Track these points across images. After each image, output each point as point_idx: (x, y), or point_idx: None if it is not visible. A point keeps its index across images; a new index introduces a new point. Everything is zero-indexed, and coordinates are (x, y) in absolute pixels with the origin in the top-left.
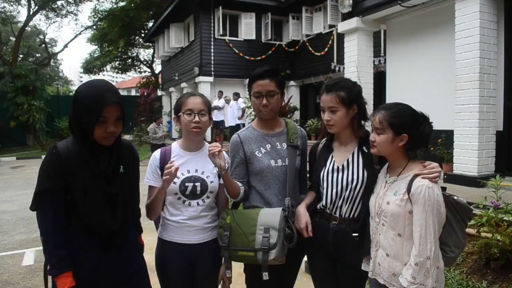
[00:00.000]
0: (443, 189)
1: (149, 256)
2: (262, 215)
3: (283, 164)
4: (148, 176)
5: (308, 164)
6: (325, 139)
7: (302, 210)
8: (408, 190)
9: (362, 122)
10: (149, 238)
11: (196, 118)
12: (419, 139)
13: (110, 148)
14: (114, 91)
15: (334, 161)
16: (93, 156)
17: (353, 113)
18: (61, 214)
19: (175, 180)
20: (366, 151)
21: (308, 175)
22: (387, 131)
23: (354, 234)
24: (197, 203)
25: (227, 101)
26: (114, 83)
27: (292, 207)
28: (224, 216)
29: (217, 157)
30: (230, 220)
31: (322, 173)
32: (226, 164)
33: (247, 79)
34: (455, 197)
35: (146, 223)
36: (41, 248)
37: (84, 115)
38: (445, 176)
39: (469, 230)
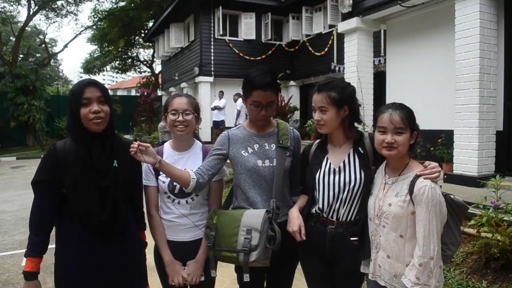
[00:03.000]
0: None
1: (150, 256)
2: (245, 217)
3: (271, 164)
4: (143, 175)
5: (300, 167)
6: (318, 140)
7: (295, 213)
8: (410, 191)
9: (356, 124)
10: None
11: (180, 118)
12: (418, 135)
13: (103, 140)
14: (94, 80)
15: (330, 163)
16: (86, 149)
17: (344, 114)
18: (47, 204)
19: (164, 179)
20: (362, 152)
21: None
22: (408, 130)
23: (352, 238)
24: (186, 201)
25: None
26: (114, 83)
27: (278, 209)
28: (211, 216)
29: (141, 156)
30: (216, 220)
31: (317, 175)
32: (158, 157)
33: None
34: (451, 196)
35: None
36: None
37: (71, 102)
38: (445, 176)
39: (469, 230)
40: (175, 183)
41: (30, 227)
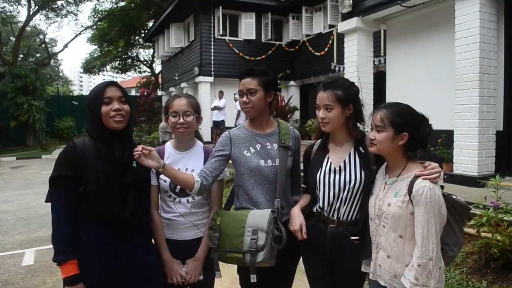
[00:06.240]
0: (441, 187)
1: None
2: (250, 217)
3: (273, 164)
4: None
5: (303, 166)
6: (319, 140)
7: (296, 212)
8: (409, 191)
9: (358, 124)
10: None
11: (181, 120)
12: (419, 139)
13: (122, 137)
14: (114, 81)
15: (330, 162)
16: (106, 145)
17: (348, 113)
18: (72, 202)
19: (166, 178)
20: (363, 151)
21: (303, 177)
22: (388, 129)
23: (353, 238)
24: (187, 200)
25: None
26: None
27: (282, 209)
28: (214, 218)
29: (145, 160)
30: (220, 221)
31: (318, 175)
32: (161, 161)
33: None
34: (453, 196)
35: None
36: (41, 248)
37: (92, 102)
38: (445, 176)
39: (469, 230)
40: None
41: (58, 228)
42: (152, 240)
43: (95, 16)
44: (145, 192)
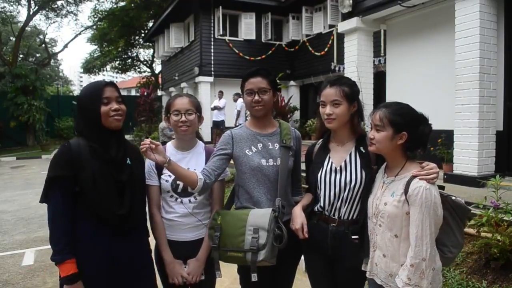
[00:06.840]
0: (442, 188)
1: None
2: (251, 216)
3: (275, 164)
4: (146, 175)
5: (305, 166)
6: (321, 140)
7: (298, 211)
8: (406, 191)
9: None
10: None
11: (183, 118)
12: (418, 139)
13: (117, 136)
14: (111, 81)
15: (331, 162)
16: (102, 144)
17: (353, 110)
18: (69, 202)
19: (167, 178)
20: (364, 151)
21: (305, 176)
22: (387, 128)
23: (353, 237)
24: (189, 200)
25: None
26: None
27: (283, 208)
28: (215, 217)
29: (152, 154)
30: (221, 221)
31: (319, 174)
32: (167, 156)
33: None
34: (453, 197)
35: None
36: (41, 248)
37: (88, 103)
38: (445, 176)
39: (469, 230)
40: (178, 182)
41: (56, 228)
42: (151, 241)
43: (95, 16)
44: (141, 190)
